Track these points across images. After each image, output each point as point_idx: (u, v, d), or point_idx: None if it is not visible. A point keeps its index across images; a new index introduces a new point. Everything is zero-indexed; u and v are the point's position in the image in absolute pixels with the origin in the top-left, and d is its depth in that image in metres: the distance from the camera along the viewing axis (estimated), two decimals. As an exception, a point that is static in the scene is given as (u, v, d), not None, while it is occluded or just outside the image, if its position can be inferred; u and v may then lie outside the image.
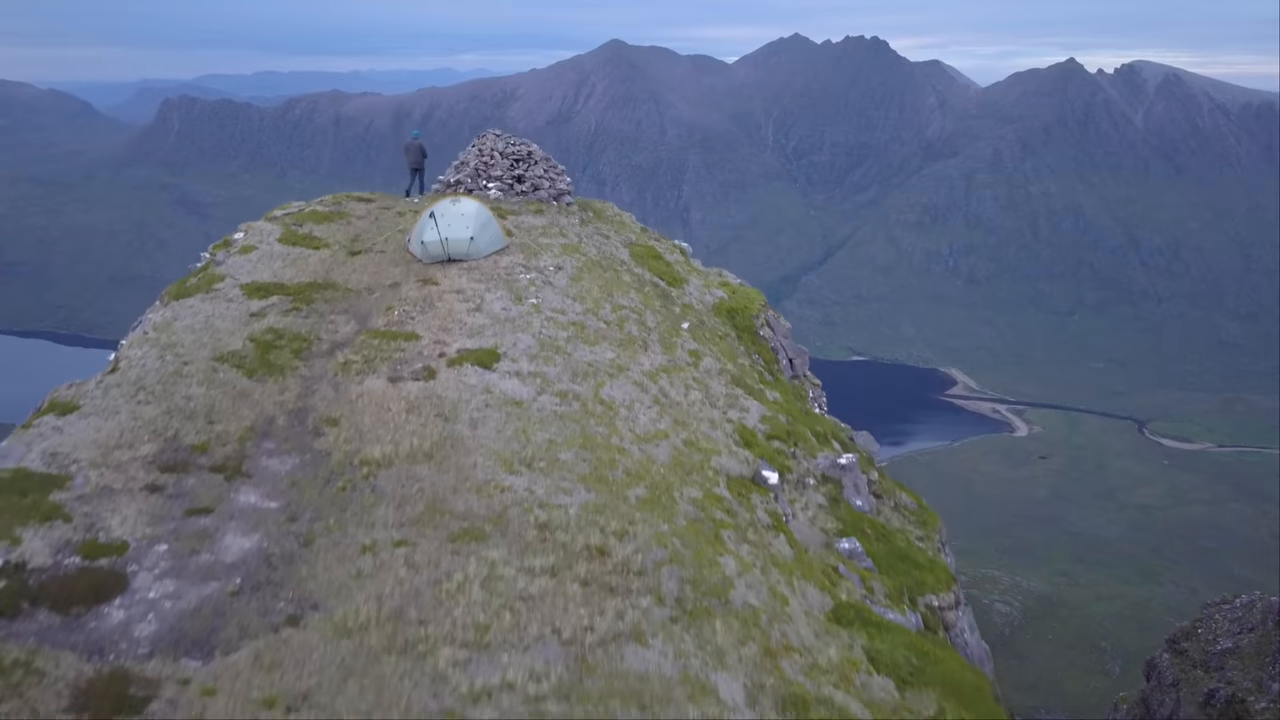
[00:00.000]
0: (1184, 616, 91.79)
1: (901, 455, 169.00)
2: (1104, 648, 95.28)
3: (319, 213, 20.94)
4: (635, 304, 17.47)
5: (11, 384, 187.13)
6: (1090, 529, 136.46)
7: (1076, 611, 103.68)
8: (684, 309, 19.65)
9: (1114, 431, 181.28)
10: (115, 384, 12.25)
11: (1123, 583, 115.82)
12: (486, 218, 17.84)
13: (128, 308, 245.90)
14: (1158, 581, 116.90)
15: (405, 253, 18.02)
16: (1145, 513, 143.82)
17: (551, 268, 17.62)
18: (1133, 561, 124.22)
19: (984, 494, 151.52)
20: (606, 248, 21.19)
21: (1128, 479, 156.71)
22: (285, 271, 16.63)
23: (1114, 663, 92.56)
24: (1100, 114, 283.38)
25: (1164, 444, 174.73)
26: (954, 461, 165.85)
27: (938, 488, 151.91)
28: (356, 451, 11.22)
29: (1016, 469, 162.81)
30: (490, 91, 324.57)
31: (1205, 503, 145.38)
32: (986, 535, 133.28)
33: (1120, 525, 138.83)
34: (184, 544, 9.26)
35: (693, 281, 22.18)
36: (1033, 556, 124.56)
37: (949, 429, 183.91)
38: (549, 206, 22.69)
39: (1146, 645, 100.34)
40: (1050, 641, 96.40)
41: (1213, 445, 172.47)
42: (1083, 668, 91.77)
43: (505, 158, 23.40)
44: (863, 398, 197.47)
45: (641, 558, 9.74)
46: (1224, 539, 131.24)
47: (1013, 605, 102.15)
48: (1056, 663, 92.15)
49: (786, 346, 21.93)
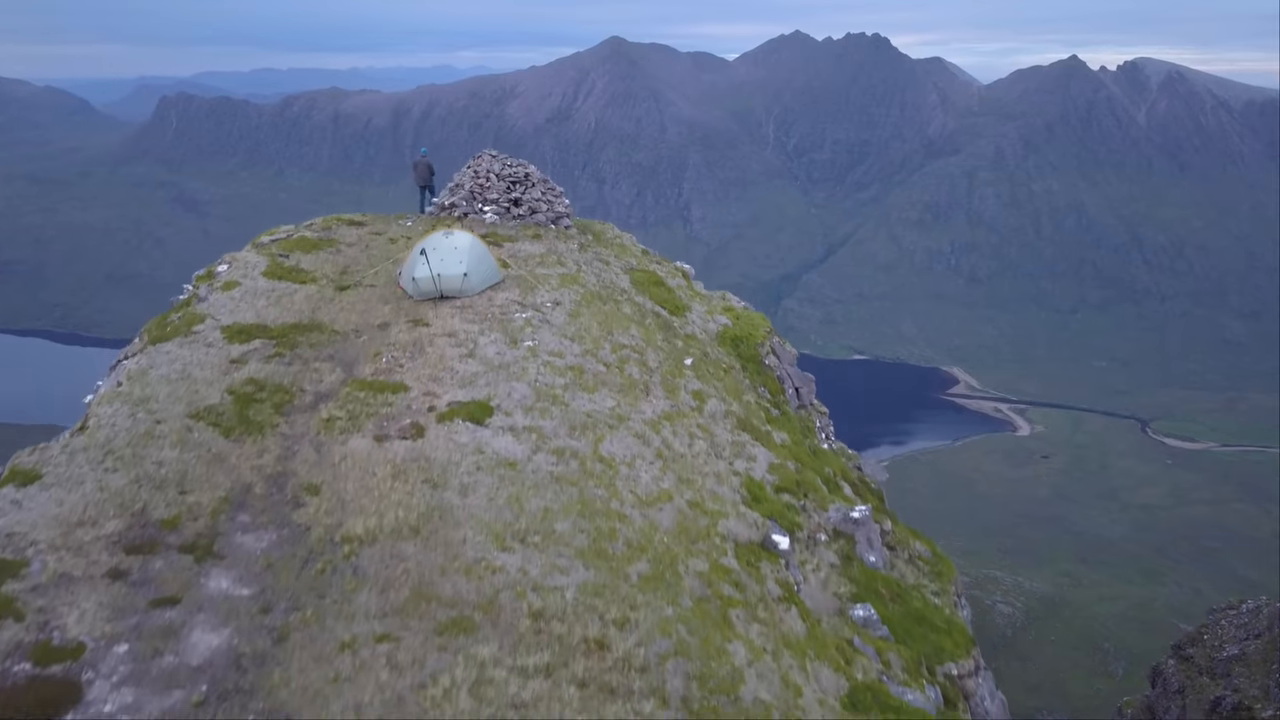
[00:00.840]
0: (1188, 618, 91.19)
1: (903, 455, 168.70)
2: (1107, 649, 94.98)
3: (307, 240, 20.16)
4: (636, 341, 16.69)
5: (9, 383, 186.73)
6: (1093, 529, 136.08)
7: (1079, 612, 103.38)
8: (687, 341, 18.88)
9: (1117, 431, 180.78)
10: (82, 448, 11.48)
11: (1126, 583, 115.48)
12: (481, 251, 17.07)
13: (125, 306, 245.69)
14: (1161, 582, 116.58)
15: (396, 287, 17.25)
16: (1148, 513, 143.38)
17: (549, 304, 16.85)
18: (1136, 562, 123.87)
19: (986, 493, 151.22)
20: (606, 275, 20.42)
21: (1130, 479, 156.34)
22: (269, 311, 15.85)
23: (1117, 664, 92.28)
24: (1103, 111, 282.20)
25: (1167, 443, 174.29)
26: (956, 461, 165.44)
27: (940, 487, 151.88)
28: (338, 525, 10.45)
29: (1019, 468, 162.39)
30: (489, 89, 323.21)
31: (1209, 503, 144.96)
32: (989, 535, 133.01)
33: (1123, 525, 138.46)
34: (146, 643, 8.50)
35: (695, 308, 21.40)
36: (1035, 557, 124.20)
37: (951, 428, 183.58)
38: (547, 231, 21.93)
39: (1150, 647, 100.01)
40: (1053, 642, 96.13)
41: (1216, 444, 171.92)
42: (1086, 669, 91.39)
43: (501, 179, 22.67)
44: (864, 397, 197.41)
45: (644, 651, 8.98)
46: (1228, 539, 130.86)
47: (1015, 606, 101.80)
48: (1059, 664, 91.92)
49: (792, 375, 21.17)
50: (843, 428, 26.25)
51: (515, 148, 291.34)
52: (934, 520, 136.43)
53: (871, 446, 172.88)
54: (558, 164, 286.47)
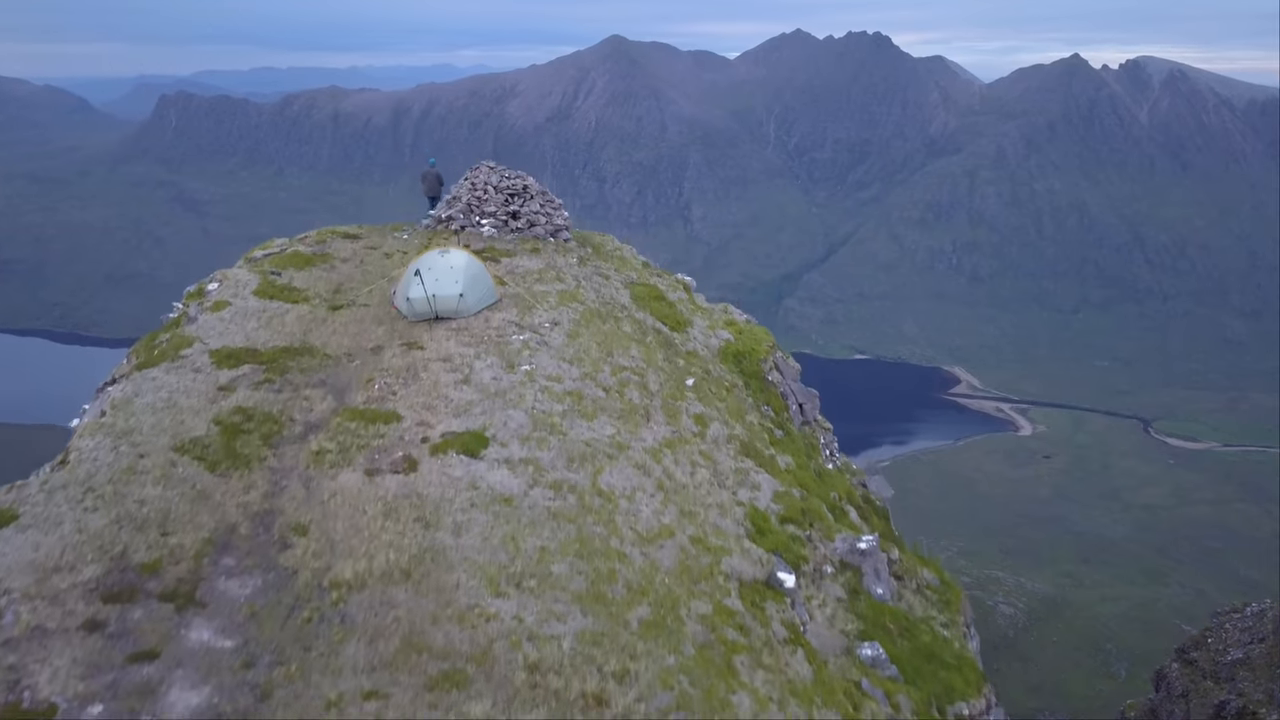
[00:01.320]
0: (1190, 618, 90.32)
1: (905, 455, 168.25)
2: (1109, 650, 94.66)
3: (300, 255, 19.71)
4: (637, 362, 16.25)
5: (8, 383, 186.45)
6: (1095, 529, 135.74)
7: (1081, 613, 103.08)
8: (688, 359, 18.43)
9: (1118, 431, 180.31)
10: (61, 485, 11.06)
11: (1128, 584, 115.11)
12: (477, 270, 16.61)
13: (124, 306, 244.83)
14: (1163, 582, 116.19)
15: (390, 307, 16.80)
16: (1150, 513, 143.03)
17: (547, 324, 16.41)
18: (1138, 562, 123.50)
19: (988, 494, 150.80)
20: (606, 291, 19.98)
21: (1132, 478, 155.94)
22: (259, 334, 15.41)
23: (1119, 665, 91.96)
24: (1105, 110, 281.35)
25: (1169, 443, 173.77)
26: (957, 461, 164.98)
27: (941, 487, 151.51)
28: (326, 569, 10.04)
29: (1020, 468, 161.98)
30: (490, 87, 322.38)
31: (1210, 503, 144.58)
32: (990, 535, 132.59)
33: (1125, 525, 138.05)
34: (122, 703, 8.09)
35: (697, 323, 20.96)
36: (1037, 557, 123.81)
37: (952, 428, 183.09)
38: (545, 244, 21.49)
39: (1152, 648, 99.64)
40: (1055, 643, 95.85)
41: (1218, 444, 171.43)
42: (1088, 670, 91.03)
43: (499, 192, 22.15)
44: (865, 397, 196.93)
45: (644, 707, 8.58)
46: (1230, 539, 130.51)
47: (1017, 607, 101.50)
48: (1061, 665, 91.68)
49: (796, 391, 20.73)
50: (844, 428, 25.96)
51: (515, 147, 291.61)
52: (935, 521, 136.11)
53: (873, 447, 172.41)
54: (558, 163, 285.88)
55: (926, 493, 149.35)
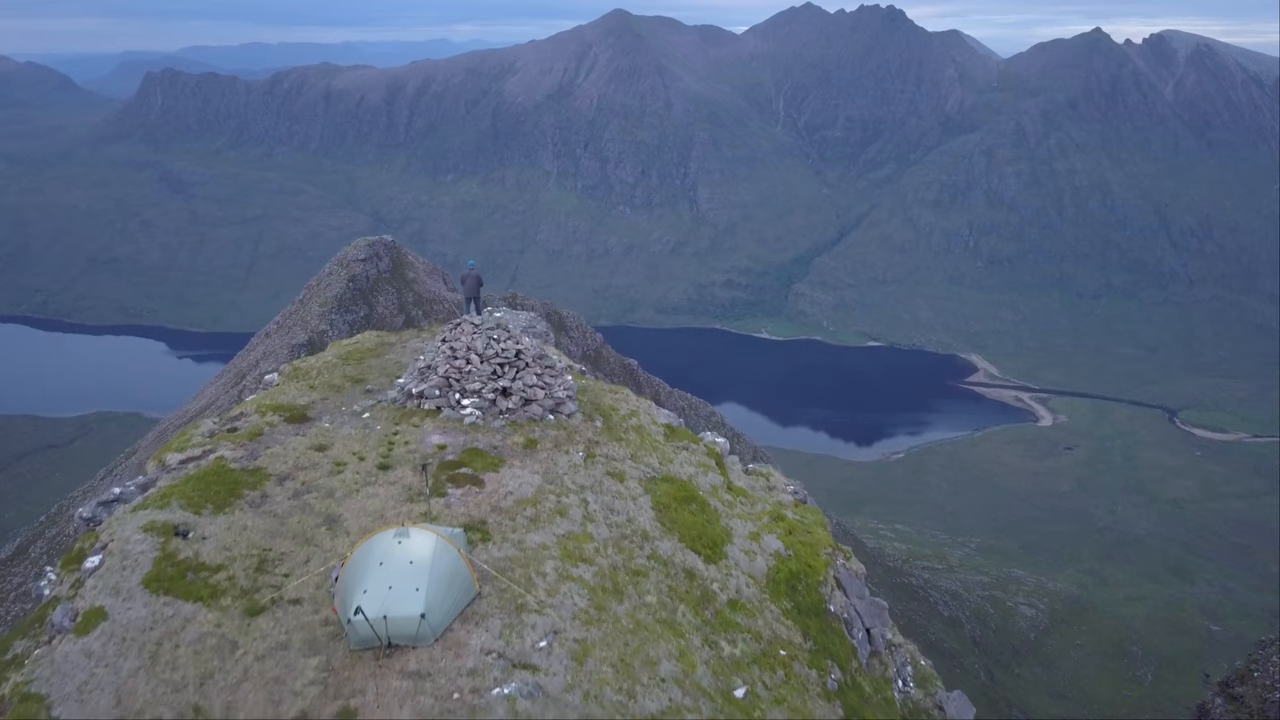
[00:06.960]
0: (1218, 618, 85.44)
1: (920, 446, 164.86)
2: (1135, 653, 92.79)
3: (224, 470, 14.50)
4: (673, 696, 10.75)
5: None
6: (1119, 524, 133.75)
7: (1105, 614, 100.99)
8: (731, 612, 13.51)
9: (1143, 421, 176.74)
10: None
11: (1153, 582, 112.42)
12: (448, 566, 10.84)
13: (108, 291, 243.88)
14: (1190, 580, 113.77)
15: (330, 608, 11.27)
16: (1176, 507, 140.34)
17: (544, 642, 10.94)
18: (1164, 559, 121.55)
19: (1007, 487, 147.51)
20: (621, 508, 15.04)
21: (1158, 471, 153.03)
22: (138, 688, 9.68)
23: (1145, 669, 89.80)
24: (1128, 86, 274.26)
25: (1196, 434, 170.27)
26: (976, 452, 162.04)
27: (958, 480, 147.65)
28: None
29: (1041, 460, 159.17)
30: (487, 64, 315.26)
31: (1240, 496, 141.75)
32: (1010, 531, 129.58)
33: (1150, 520, 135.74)
34: None
35: (737, 532, 15.83)
36: (1058, 554, 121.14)
37: (970, 418, 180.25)
38: (544, 433, 16.87)
39: (1180, 650, 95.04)
40: (1078, 647, 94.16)
41: (1247, 435, 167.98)
42: (1113, 674, 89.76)
43: (486, 362, 17.70)
44: (879, 386, 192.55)
45: None
46: (1259, 535, 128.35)
47: (1038, 608, 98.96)
48: (1085, 669, 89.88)
49: (862, 612, 15.80)
50: (857, 419, 21.86)
51: (514, 125, 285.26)
52: (952, 516, 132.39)
53: (887, 438, 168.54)
54: (559, 142, 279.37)
55: (943, 486, 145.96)
